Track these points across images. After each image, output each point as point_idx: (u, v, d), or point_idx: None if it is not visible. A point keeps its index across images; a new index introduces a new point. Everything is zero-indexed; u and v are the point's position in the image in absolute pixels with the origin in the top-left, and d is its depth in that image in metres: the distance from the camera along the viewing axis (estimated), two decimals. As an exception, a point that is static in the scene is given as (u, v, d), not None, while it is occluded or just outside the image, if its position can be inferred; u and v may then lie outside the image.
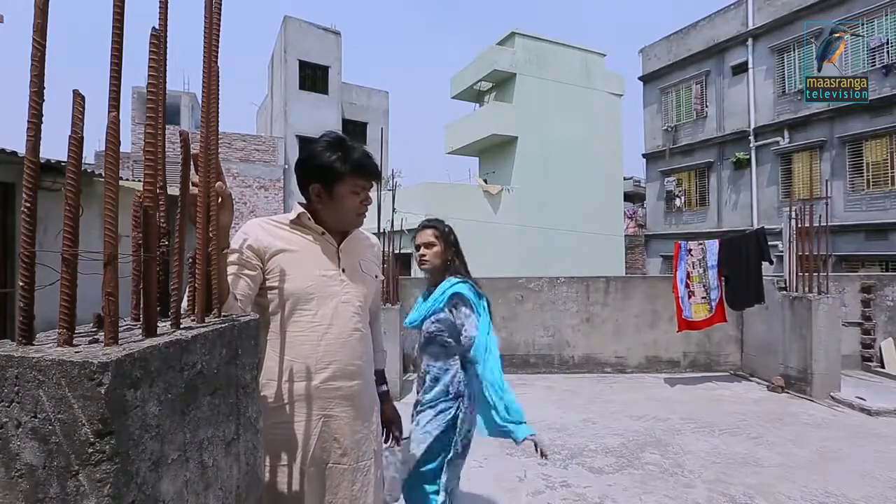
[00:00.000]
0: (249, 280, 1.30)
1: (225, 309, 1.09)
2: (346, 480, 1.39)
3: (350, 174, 1.39)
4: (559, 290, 6.60)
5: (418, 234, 2.14)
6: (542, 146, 16.70)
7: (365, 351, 1.48)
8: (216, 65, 0.95)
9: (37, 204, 0.67)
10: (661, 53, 16.92)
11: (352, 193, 1.42)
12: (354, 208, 1.44)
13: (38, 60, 0.65)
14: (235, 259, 1.29)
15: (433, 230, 2.12)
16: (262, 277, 1.35)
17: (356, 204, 1.43)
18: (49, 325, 0.72)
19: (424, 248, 2.10)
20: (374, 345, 1.67)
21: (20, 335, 0.67)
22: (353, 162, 1.39)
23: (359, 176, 1.41)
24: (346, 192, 1.41)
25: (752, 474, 3.40)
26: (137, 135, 16.76)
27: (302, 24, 19.03)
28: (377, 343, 1.72)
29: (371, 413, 1.51)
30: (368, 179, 1.45)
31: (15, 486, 0.60)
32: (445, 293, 2.00)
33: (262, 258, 1.35)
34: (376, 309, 1.74)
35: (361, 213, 1.47)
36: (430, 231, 2.12)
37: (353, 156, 1.40)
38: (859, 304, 6.49)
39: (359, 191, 1.43)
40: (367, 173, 1.43)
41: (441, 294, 2.01)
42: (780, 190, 13.21)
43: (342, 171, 1.39)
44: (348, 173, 1.39)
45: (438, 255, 2.09)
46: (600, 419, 4.60)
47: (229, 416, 0.88)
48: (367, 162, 1.43)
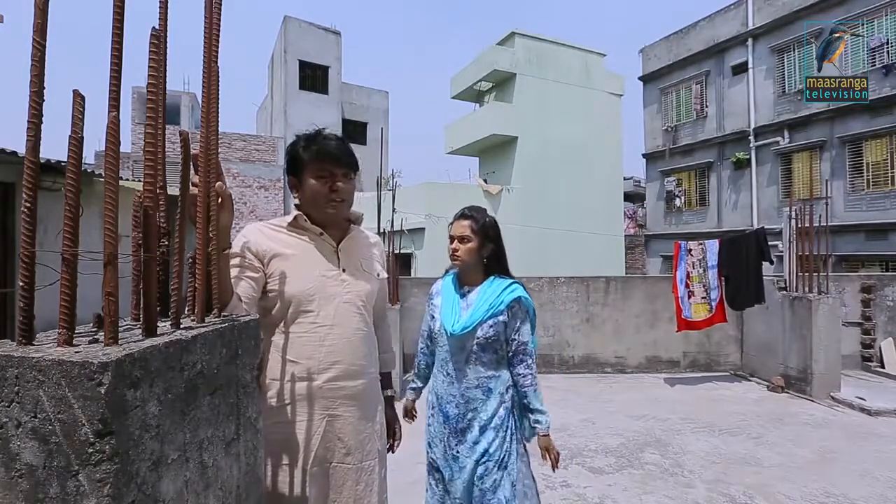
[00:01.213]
0: (253, 282, 1.31)
1: (228, 310, 1.10)
2: (351, 480, 1.39)
3: (313, 160, 1.40)
4: (559, 290, 6.60)
5: (454, 225, 1.88)
6: (542, 146, 16.69)
7: (369, 350, 1.48)
8: (216, 65, 0.95)
9: (37, 204, 0.67)
10: (661, 53, 16.92)
11: (317, 178, 1.41)
12: (322, 194, 1.41)
13: (38, 60, 0.65)
14: (238, 262, 1.30)
15: (470, 221, 1.85)
16: (264, 280, 1.35)
17: (324, 190, 1.41)
18: (49, 325, 0.72)
19: (458, 241, 1.85)
20: (382, 346, 1.66)
21: (20, 335, 0.67)
22: (315, 148, 1.40)
23: (322, 160, 1.40)
24: (311, 177, 1.41)
25: (752, 474, 3.40)
26: (137, 135, 16.75)
27: (302, 24, 19.02)
28: (385, 344, 1.70)
29: (376, 412, 1.51)
30: (332, 164, 1.41)
31: (15, 486, 0.60)
32: (502, 297, 1.80)
33: (262, 261, 1.36)
34: (383, 309, 1.71)
35: (333, 199, 1.42)
36: (466, 223, 1.85)
37: (316, 143, 1.41)
38: (859, 304, 6.49)
39: (325, 175, 1.41)
40: (329, 157, 1.40)
41: (497, 297, 1.80)
42: (780, 190, 13.21)
43: (305, 159, 1.41)
44: (311, 159, 1.40)
45: (472, 252, 1.84)
46: (600, 419, 4.60)
47: (229, 416, 0.88)
48: (330, 146, 1.41)
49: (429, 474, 1.95)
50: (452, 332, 1.82)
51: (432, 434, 1.93)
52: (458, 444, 1.81)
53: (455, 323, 1.82)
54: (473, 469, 1.77)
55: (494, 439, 1.78)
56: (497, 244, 1.89)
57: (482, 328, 1.79)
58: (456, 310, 1.86)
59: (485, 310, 1.79)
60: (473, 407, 1.80)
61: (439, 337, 1.91)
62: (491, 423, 1.79)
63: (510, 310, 1.80)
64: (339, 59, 19.81)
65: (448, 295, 1.92)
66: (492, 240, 1.87)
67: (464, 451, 1.80)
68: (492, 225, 1.89)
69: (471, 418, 1.80)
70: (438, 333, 1.92)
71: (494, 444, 1.77)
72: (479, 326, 1.79)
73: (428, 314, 2.02)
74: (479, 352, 1.81)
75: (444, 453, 1.84)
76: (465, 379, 1.82)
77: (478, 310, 1.80)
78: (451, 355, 1.85)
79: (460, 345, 1.83)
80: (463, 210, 1.91)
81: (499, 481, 1.76)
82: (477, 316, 1.79)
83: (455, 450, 1.82)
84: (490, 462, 1.76)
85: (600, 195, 17.48)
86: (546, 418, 1.83)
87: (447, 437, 1.84)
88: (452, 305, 1.87)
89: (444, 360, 1.89)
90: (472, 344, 1.81)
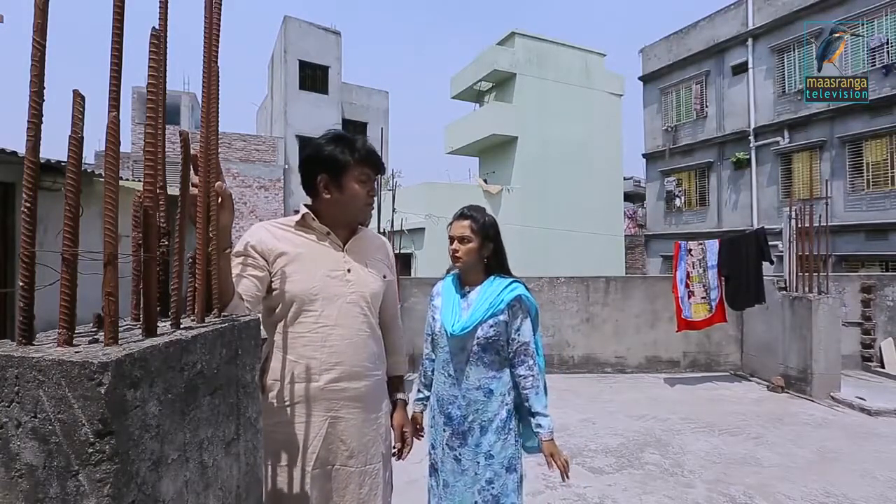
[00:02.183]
0: (257, 281, 1.30)
1: (230, 309, 1.09)
2: (354, 483, 1.38)
3: (357, 163, 1.40)
4: (559, 290, 6.60)
5: (453, 225, 1.86)
6: (542, 146, 16.69)
7: (373, 352, 1.45)
8: (216, 65, 0.95)
9: (37, 204, 0.67)
10: (661, 53, 16.92)
11: (359, 182, 1.41)
12: (362, 198, 1.43)
13: (38, 60, 0.65)
14: (241, 261, 1.30)
15: (470, 221, 1.83)
16: (269, 279, 1.34)
17: (363, 194, 1.42)
18: (49, 325, 0.72)
19: (458, 241, 1.82)
20: (394, 349, 1.64)
21: (20, 335, 0.67)
22: (359, 151, 1.40)
23: (365, 165, 1.41)
24: (354, 181, 1.40)
25: (752, 474, 3.40)
26: (137, 135, 16.75)
27: (302, 24, 19.02)
28: (397, 348, 1.67)
29: (380, 415, 1.48)
30: (374, 169, 1.44)
31: (15, 486, 0.60)
32: (502, 296, 1.78)
33: (267, 260, 1.35)
34: (395, 311, 1.69)
35: (369, 203, 1.46)
36: (466, 223, 1.83)
37: (357, 145, 1.41)
38: (859, 304, 6.49)
39: (365, 180, 1.42)
40: (373, 163, 1.44)
41: (497, 296, 1.78)
42: (780, 190, 13.21)
43: (348, 160, 1.39)
44: (355, 162, 1.40)
45: (473, 252, 1.82)
46: (600, 419, 4.60)
47: (229, 416, 0.88)
48: (374, 153, 1.44)
49: (430, 476, 1.93)
50: (452, 332, 1.79)
51: (434, 436, 1.91)
52: (460, 447, 1.80)
53: (455, 323, 1.80)
54: (476, 472, 1.76)
55: (496, 441, 1.76)
56: (497, 243, 1.88)
57: (482, 328, 1.76)
58: (456, 310, 1.84)
59: (485, 309, 1.76)
60: (475, 409, 1.78)
61: (440, 338, 1.89)
62: (492, 424, 1.77)
63: (511, 309, 1.78)
64: (339, 59, 19.81)
65: (448, 295, 1.90)
66: (492, 239, 1.85)
67: (466, 453, 1.78)
68: (491, 224, 1.87)
69: (472, 420, 1.79)
70: (439, 334, 1.89)
71: (497, 447, 1.76)
72: (480, 326, 1.76)
73: (430, 315, 2.00)
74: (479, 352, 1.78)
75: (446, 455, 1.83)
76: (467, 380, 1.80)
77: (478, 309, 1.78)
78: (452, 356, 1.83)
79: (461, 345, 1.81)
80: (462, 210, 1.89)
81: (506, 484, 1.75)
82: (477, 315, 1.76)
83: (457, 452, 1.80)
84: (495, 464, 1.75)
85: (600, 195, 17.48)
86: (548, 422, 1.77)
87: (449, 438, 1.82)
88: (453, 306, 1.85)
89: (445, 362, 1.87)
90: (472, 344, 1.78)
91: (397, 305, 1.75)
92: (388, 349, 1.60)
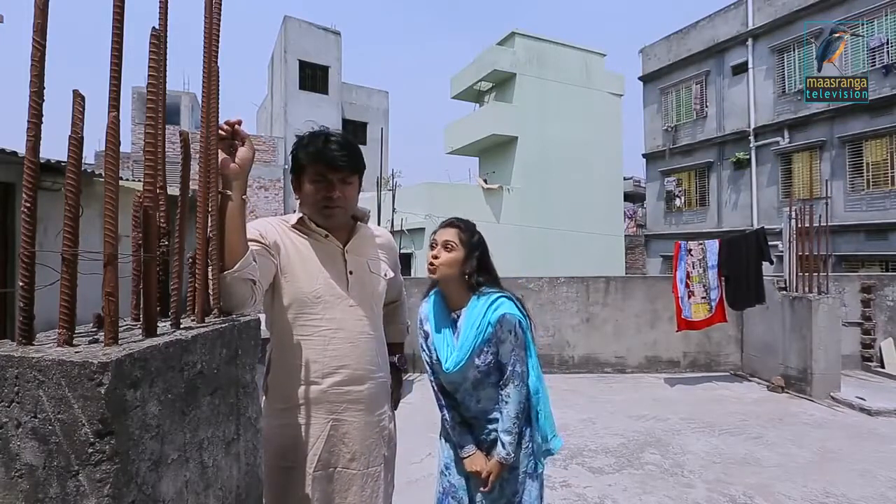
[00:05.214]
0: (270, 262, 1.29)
1: (239, 266, 1.06)
2: (356, 486, 1.37)
3: (310, 163, 1.37)
4: (559, 290, 6.60)
5: (439, 232, 1.72)
6: (542, 146, 16.69)
7: (376, 354, 1.45)
8: (216, 65, 0.95)
9: (37, 204, 0.67)
10: (661, 53, 16.92)
11: (312, 182, 1.38)
12: (316, 200, 1.37)
13: (38, 60, 0.65)
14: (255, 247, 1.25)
15: (457, 230, 1.68)
16: (275, 269, 1.32)
17: (318, 196, 1.37)
18: (49, 325, 0.72)
19: (441, 247, 1.67)
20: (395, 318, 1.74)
21: (20, 335, 0.67)
22: (312, 150, 1.37)
23: (317, 164, 1.36)
24: (307, 181, 1.39)
25: (752, 474, 3.40)
26: (137, 135, 16.73)
27: (302, 24, 19.03)
28: (400, 317, 1.78)
29: (383, 418, 1.48)
30: (328, 168, 1.36)
31: (15, 486, 0.60)
32: (487, 317, 1.61)
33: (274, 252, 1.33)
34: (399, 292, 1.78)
35: (326, 205, 1.37)
36: (452, 230, 1.68)
37: (314, 145, 1.37)
38: (859, 304, 6.49)
39: (319, 180, 1.37)
40: (325, 161, 1.35)
41: (483, 319, 1.62)
42: (780, 190, 13.20)
43: (303, 161, 1.39)
44: (308, 163, 1.38)
45: (454, 263, 1.65)
46: (600, 419, 4.60)
47: (229, 416, 0.88)
48: (327, 149, 1.35)
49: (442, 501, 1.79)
50: (447, 369, 1.67)
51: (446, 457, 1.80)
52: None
53: (448, 359, 1.68)
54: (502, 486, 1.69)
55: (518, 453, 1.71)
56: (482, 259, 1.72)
57: (478, 358, 1.64)
58: (448, 341, 1.70)
59: (473, 337, 1.63)
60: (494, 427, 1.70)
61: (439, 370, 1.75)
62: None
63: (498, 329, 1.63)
64: (339, 59, 19.81)
65: (438, 323, 1.75)
66: (477, 254, 1.70)
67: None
68: (479, 241, 1.73)
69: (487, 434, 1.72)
70: (437, 365, 1.75)
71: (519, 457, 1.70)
72: (474, 357, 1.64)
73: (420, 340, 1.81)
74: (483, 378, 1.69)
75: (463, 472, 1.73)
76: (478, 404, 1.72)
77: (466, 339, 1.64)
78: (458, 385, 1.73)
79: (462, 377, 1.70)
80: (451, 219, 1.77)
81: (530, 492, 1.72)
82: (467, 346, 1.63)
83: None
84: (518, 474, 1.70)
85: (600, 195, 17.48)
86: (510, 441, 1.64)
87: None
88: (444, 338, 1.72)
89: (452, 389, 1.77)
90: (473, 373, 1.67)
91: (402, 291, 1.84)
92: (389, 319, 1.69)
